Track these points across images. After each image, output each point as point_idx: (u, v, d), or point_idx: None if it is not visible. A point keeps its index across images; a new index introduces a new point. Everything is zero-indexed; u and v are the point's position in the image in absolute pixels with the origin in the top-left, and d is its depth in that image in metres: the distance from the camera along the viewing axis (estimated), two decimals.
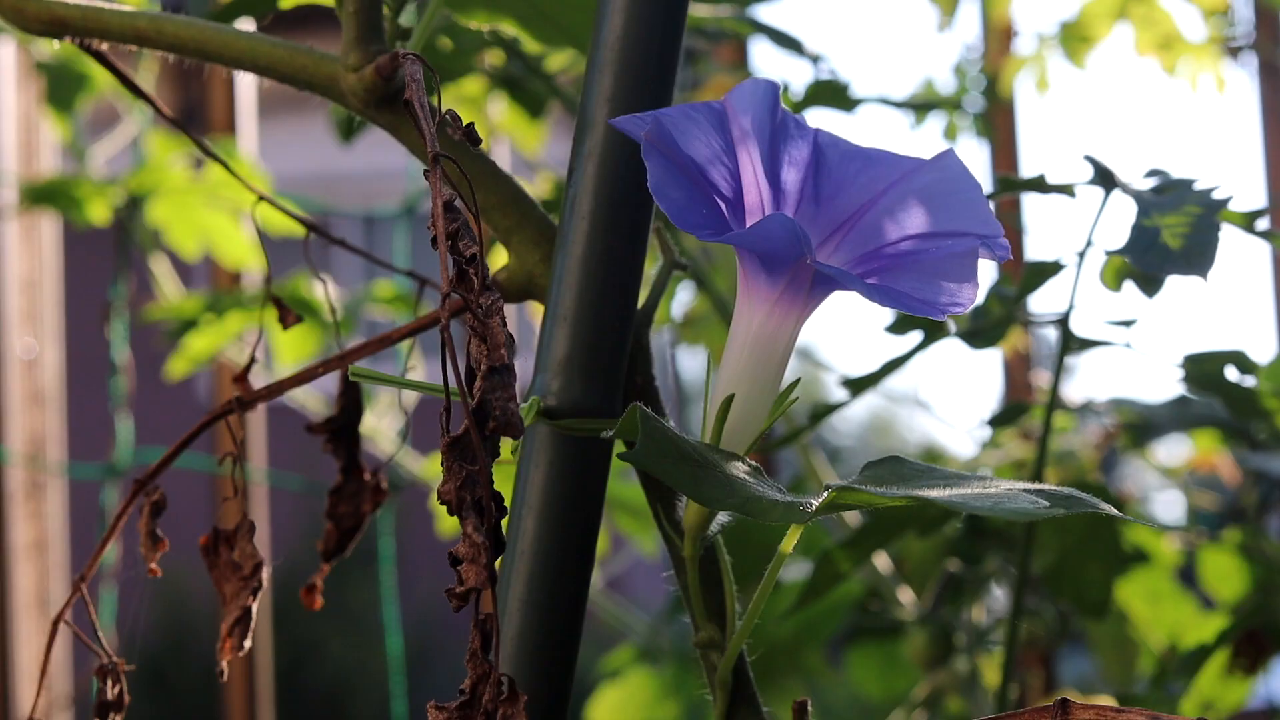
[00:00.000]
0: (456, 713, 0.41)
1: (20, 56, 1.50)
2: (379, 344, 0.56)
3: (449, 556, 0.40)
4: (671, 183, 0.43)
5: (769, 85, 0.46)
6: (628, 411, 0.41)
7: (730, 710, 0.49)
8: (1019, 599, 0.91)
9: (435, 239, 0.41)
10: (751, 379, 0.46)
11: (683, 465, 0.41)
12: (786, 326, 0.45)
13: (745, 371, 0.46)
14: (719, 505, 0.42)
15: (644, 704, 1.27)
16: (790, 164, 0.46)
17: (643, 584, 4.12)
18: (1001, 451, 1.15)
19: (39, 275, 1.55)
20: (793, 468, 1.54)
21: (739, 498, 0.41)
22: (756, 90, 0.46)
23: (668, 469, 0.41)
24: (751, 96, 0.46)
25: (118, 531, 0.55)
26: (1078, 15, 1.46)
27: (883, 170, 0.46)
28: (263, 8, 0.67)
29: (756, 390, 0.46)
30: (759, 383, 0.46)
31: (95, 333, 1.44)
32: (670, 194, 0.42)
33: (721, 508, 0.44)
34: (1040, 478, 0.89)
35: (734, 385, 0.46)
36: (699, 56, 1.19)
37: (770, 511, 0.41)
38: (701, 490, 0.41)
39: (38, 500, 1.52)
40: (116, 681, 0.53)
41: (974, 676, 1.10)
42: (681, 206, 0.43)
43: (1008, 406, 0.95)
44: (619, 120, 0.44)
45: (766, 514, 0.41)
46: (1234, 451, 1.20)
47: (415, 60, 0.45)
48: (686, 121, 0.44)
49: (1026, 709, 0.40)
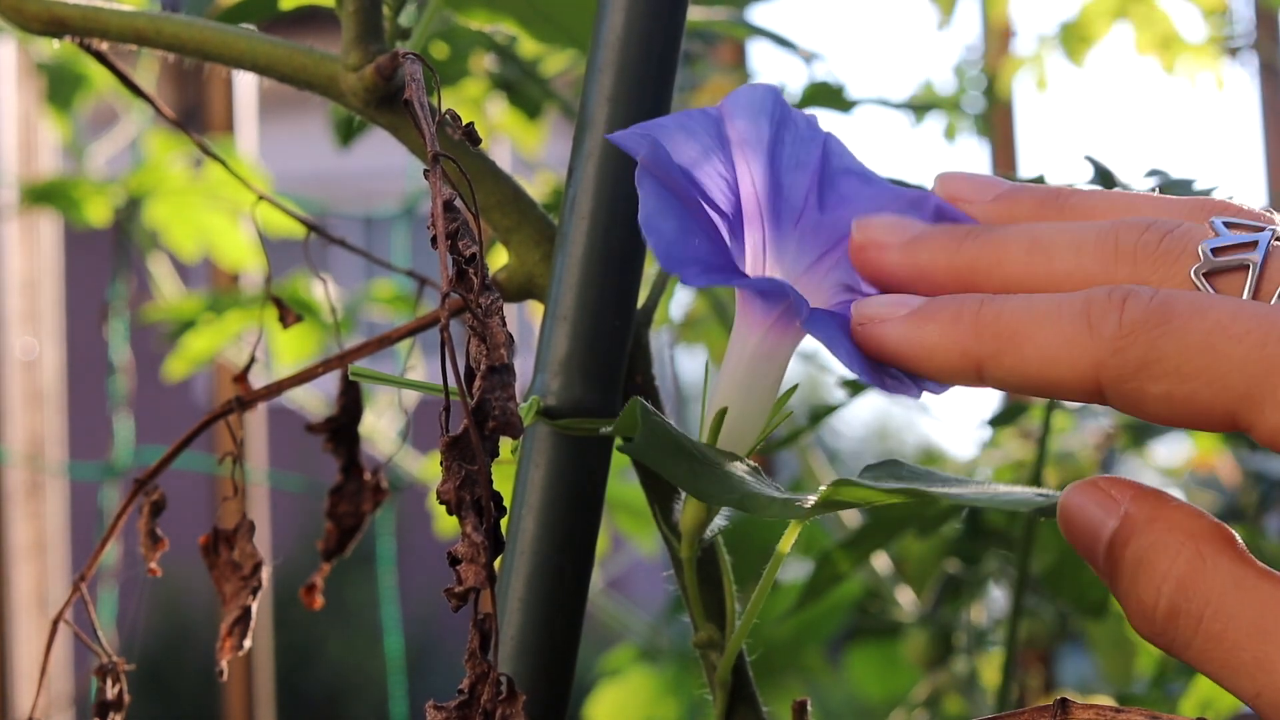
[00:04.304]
0: (455, 712, 0.41)
1: (20, 56, 1.50)
2: (379, 344, 0.56)
3: (448, 556, 0.40)
4: (662, 213, 0.41)
5: (768, 89, 0.46)
6: (628, 405, 0.41)
7: (730, 710, 0.49)
8: (1019, 599, 0.91)
9: (435, 238, 0.41)
10: (746, 394, 0.46)
11: (681, 459, 0.42)
12: (782, 348, 0.45)
13: (740, 387, 0.46)
14: (716, 500, 0.42)
15: (644, 703, 1.27)
16: (797, 167, 0.45)
17: (643, 584, 4.12)
18: (1001, 452, 1.15)
19: (39, 275, 1.55)
20: (791, 470, 1.54)
21: (737, 493, 0.41)
22: (754, 95, 0.45)
23: (666, 463, 0.41)
24: (749, 101, 0.45)
25: (117, 531, 0.55)
26: (1077, 15, 1.46)
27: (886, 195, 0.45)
28: (263, 12, 0.67)
29: (750, 405, 0.46)
30: (753, 398, 0.46)
31: (95, 333, 1.45)
32: (660, 226, 0.41)
33: (719, 503, 0.44)
34: (1040, 478, 0.89)
35: (728, 399, 0.46)
36: (696, 58, 1.19)
37: (768, 507, 0.41)
38: (699, 485, 0.41)
39: (37, 500, 1.52)
40: (116, 681, 0.53)
41: (973, 677, 1.10)
42: (670, 241, 0.41)
43: (1007, 407, 0.95)
44: (617, 136, 0.43)
45: (764, 509, 0.41)
46: (1234, 451, 1.20)
47: (415, 60, 0.45)
48: (681, 132, 0.44)
49: (1026, 709, 0.40)
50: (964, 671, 1.10)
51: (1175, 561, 0.35)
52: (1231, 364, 0.34)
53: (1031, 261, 0.39)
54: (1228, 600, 0.34)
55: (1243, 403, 0.33)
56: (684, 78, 1.16)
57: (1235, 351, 0.34)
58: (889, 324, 0.39)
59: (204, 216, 1.39)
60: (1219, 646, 0.34)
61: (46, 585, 1.51)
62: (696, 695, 1.24)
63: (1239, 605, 0.34)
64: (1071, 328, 0.36)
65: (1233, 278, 0.37)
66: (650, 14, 0.52)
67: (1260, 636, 0.33)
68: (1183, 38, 1.44)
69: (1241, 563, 0.34)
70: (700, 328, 1.29)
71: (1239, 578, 0.34)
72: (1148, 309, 0.35)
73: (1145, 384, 0.35)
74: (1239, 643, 0.34)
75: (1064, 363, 0.36)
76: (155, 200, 1.38)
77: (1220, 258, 0.37)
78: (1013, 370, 0.37)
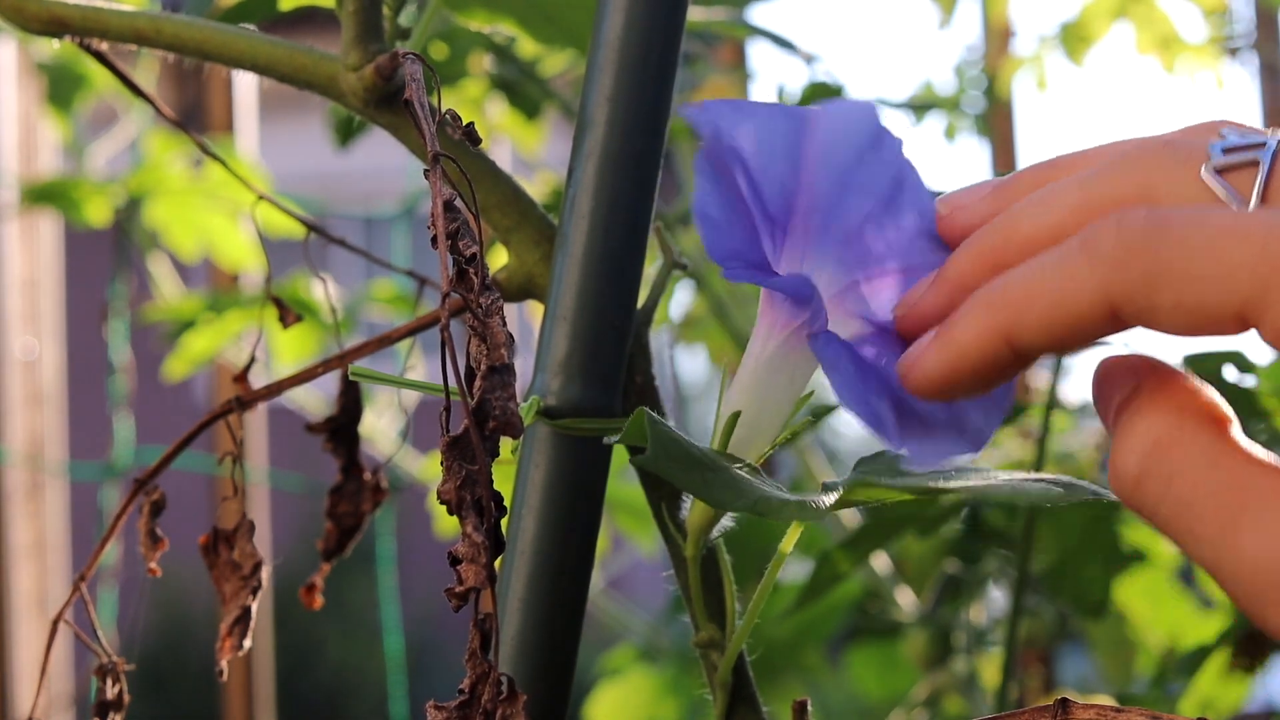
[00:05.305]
0: (456, 712, 0.41)
1: (20, 56, 1.50)
2: (379, 344, 0.56)
3: (448, 556, 0.40)
4: (714, 203, 0.41)
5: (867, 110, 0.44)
6: (634, 415, 0.41)
7: (730, 710, 0.49)
8: (1018, 599, 0.91)
9: (435, 238, 0.41)
10: (761, 399, 0.45)
11: (693, 470, 0.41)
12: (801, 357, 0.44)
13: (755, 390, 0.45)
14: (730, 507, 0.42)
15: (644, 703, 1.27)
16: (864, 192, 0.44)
17: (643, 584, 4.12)
18: (1001, 452, 1.15)
19: (39, 275, 1.55)
20: (790, 469, 1.54)
21: (749, 499, 0.41)
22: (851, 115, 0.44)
23: (678, 473, 0.41)
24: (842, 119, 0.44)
25: (117, 531, 0.55)
26: (1077, 15, 1.46)
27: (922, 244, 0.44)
28: (263, 13, 0.67)
29: (765, 410, 0.45)
30: (768, 403, 0.45)
31: (95, 333, 1.45)
32: (712, 215, 0.41)
33: (733, 509, 0.43)
34: None
35: (742, 402, 0.45)
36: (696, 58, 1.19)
37: (782, 510, 0.41)
38: (712, 493, 0.41)
39: (37, 500, 1.52)
40: (116, 681, 0.53)
41: (973, 677, 1.10)
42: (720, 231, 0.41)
43: None
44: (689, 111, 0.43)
45: (779, 513, 0.41)
46: None
47: (415, 60, 0.45)
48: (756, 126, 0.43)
49: (1026, 709, 0.40)
50: (964, 671, 1.10)
51: (1153, 427, 0.36)
52: (1236, 265, 0.34)
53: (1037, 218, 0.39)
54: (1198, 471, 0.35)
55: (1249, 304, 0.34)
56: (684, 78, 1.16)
57: (1239, 253, 0.34)
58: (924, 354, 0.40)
59: (204, 216, 1.39)
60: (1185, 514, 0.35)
61: (46, 585, 1.51)
62: (696, 695, 1.24)
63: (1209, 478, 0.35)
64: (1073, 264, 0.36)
65: (1243, 174, 0.37)
66: (650, 14, 0.52)
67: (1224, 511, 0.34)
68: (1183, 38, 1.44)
69: (1221, 439, 0.35)
70: (700, 328, 1.30)
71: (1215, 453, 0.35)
72: (1145, 225, 0.35)
73: (1154, 296, 0.35)
74: (1204, 514, 0.34)
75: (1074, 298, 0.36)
76: (155, 200, 1.38)
77: (1230, 156, 0.37)
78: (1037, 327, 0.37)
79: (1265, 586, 0.33)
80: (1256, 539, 0.33)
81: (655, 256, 0.55)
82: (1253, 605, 0.34)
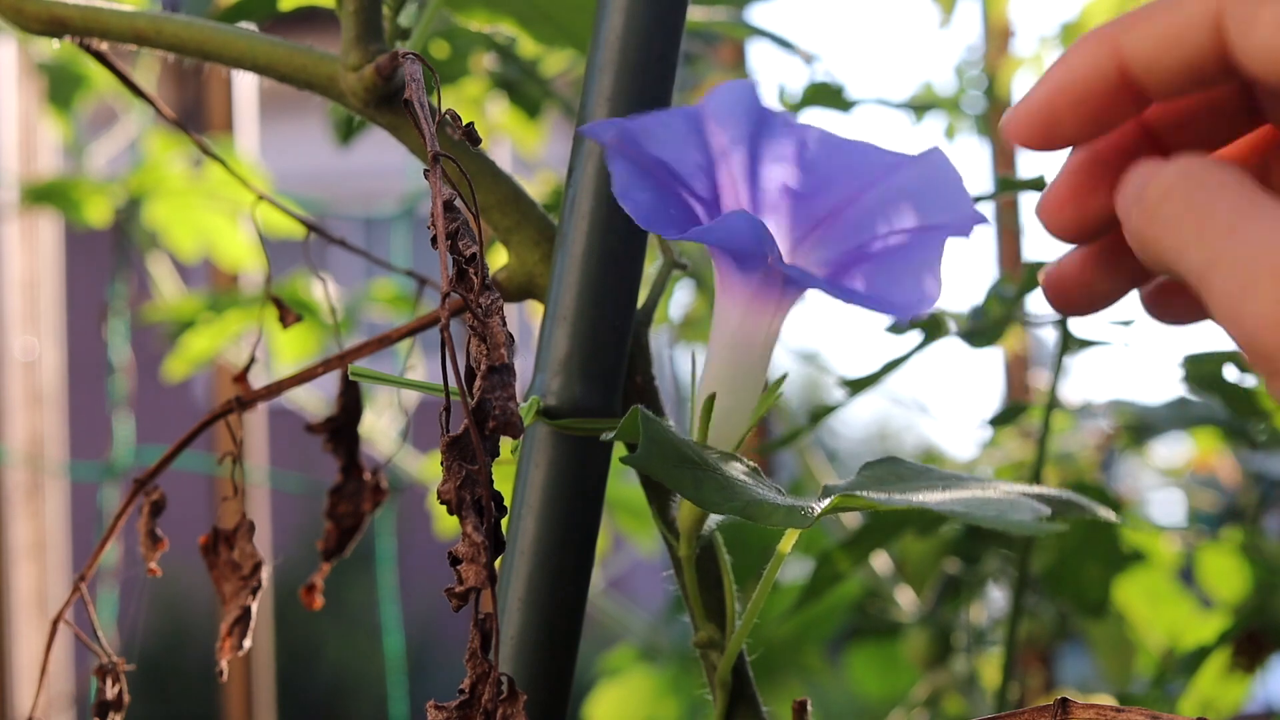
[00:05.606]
0: (456, 712, 0.41)
1: (20, 56, 1.50)
2: (379, 344, 0.56)
3: (448, 556, 0.40)
4: (637, 185, 0.43)
5: (746, 85, 0.46)
6: (629, 414, 0.41)
7: (730, 710, 0.49)
8: (1018, 599, 0.91)
9: (435, 238, 0.41)
10: (733, 377, 0.46)
11: (684, 469, 0.41)
12: (764, 323, 0.45)
13: (727, 369, 0.46)
14: (720, 509, 0.42)
15: (643, 703, 1.27)
16: (774, 160, 0.46)
17: (643, 584, 4.12)
18: (1002, 452, 1.15)
19: (39, 275, 1.55)
20: (790, 469, 1.54)
21: (740, 501, 0.41)
22: (733, 92, 0.46)
23: (669, 473, 0.41)
24: (728, 98, 0.46)
25: (117, 531, 0.55)
26: (1077, 15, 1.46)
27: (867, 165, 0.45)
28: (263, 12, 0.67)
29: (739, 387, 0.46)
30: (741, 380, 0.46)
31: (95, 333, 1.45)
32: (636, 196, 0.43)
33: (723, 511, 0.44)
34: (1039, 479, 0.89)
35: (716, 384, 0.46)
36: (696, 58, 1.19)
37: (772, 515, 0.41)
38: (703, 494, 0.41)
39: (37, 500, 1.52)
40: (116, 681, 0.53)
41: (973, 677, 1.10)
42: (648, 208, 0.43)
43: (1006, 407, 0.95)
44: (587, 128, 0.44)
45: (768, 518, 0.41)
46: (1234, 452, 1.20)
47: (415, 59, 0.45)
48: (658, 127, 0.45)
49: (1026, 709, 0.40)
50: (964, 671, 1.10)
51: (1146, 165, 0.38)
52: None
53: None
54: (1184, 186, 0.36)
55: None
56: (684, 78, 1.16)
57: None
58: (1032, 89, 0.40)
59: (204, 216, 1.39)
60: (1169, 229, 0.36)
61: (46, 585, 1.51)
62: (696, 695, 1.24)
63: (1196, 193, 0.36)
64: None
65: None
66: (650, 14, 0.52)
67: (1246, 269, 0.34)
68: None
69: (1210, 166, 0.36)
70: (700, 328, 1.29)
71: (1201, 176, 0.36)
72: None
73: (1260, 8, 0.36)
74: (1186, 235, 0.36)
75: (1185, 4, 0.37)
76: (155, 200, 1.38)
77: None
78: (1147, 34, 0.38)
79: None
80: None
81: (655, 256, 0.55)
82: (1261, 364, 0.34)
